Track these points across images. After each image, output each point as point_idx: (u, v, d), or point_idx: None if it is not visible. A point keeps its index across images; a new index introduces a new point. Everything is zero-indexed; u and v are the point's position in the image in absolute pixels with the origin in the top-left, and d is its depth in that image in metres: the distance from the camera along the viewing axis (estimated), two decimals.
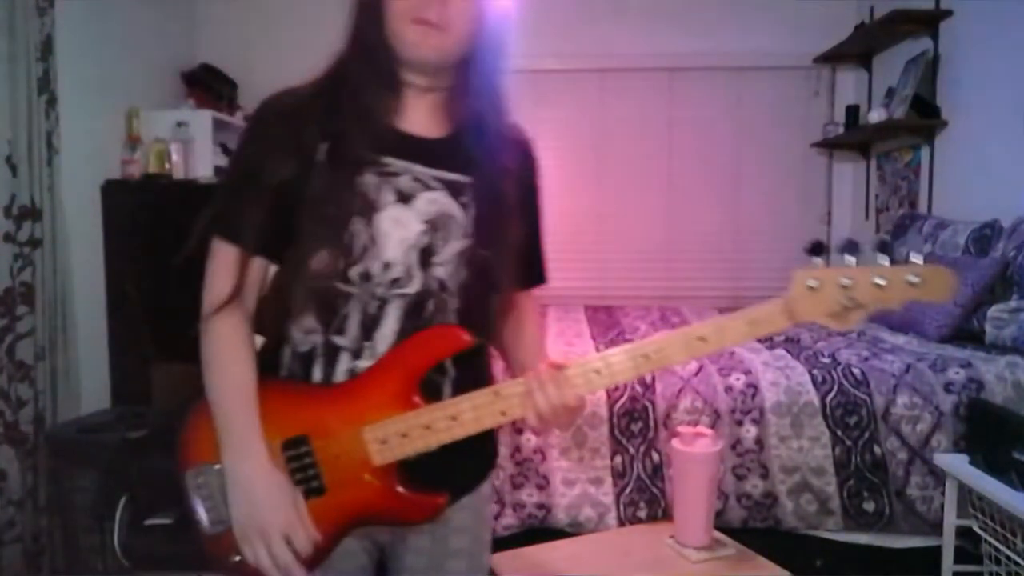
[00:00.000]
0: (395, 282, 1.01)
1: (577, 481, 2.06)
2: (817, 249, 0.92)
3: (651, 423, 2.07)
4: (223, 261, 1.02)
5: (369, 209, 0.99)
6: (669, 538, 1.90)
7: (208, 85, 3.64)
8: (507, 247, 1.07)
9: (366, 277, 1.00)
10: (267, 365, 1.04)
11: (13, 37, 2.31)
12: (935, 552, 1.98)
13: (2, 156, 2.29)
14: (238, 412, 1.00)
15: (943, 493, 1.97)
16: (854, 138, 3.81)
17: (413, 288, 1.01)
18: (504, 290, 1.10)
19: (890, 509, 2.04)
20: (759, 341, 2.59)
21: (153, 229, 2.80)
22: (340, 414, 1.00)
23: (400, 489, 1.01)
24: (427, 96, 1.05)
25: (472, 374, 1.06)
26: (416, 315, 1.02)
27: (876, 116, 3.37)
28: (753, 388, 2.08)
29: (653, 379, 2.10)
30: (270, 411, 1.01)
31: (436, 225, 1.02)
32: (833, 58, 3.92)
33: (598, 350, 2.40)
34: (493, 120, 1.08)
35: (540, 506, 2.05)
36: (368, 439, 0.99)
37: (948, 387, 2.06)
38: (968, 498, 1.88)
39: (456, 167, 1.04)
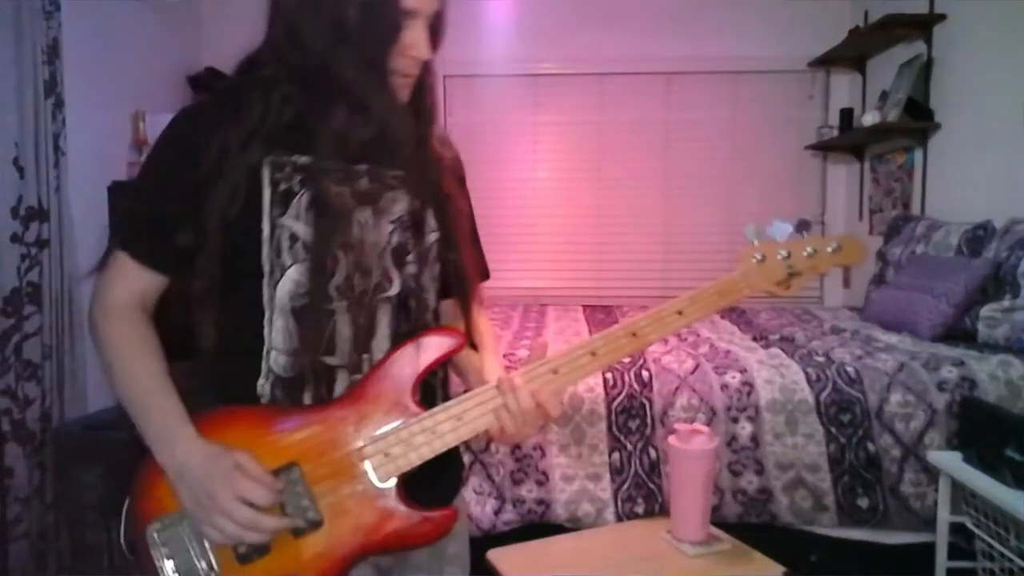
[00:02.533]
0: (377, 287, 0.98)
1: (576, 477, 2.09)
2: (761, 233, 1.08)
3: (648, 420, 2.10)
4: (130, 275, 0.98)
5: (344, 220, 0.96)
6: (666, 533, 1.92)
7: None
8: (466, 240, 1.07)
9: (349, 288, 0.97)
10: (239, 398, 0.97)
11: (20, 40, 2.33)
12: (929, 548, 2.00)
13: (9, 158, 2.31)
14: (152, 402, 0.94)
15: (936, 490, 1.99)
16: (848, 141, 3.84)
17: (394, 290, 0.99)
18: (471, 285, 1.08)
19: (884, 505, 2.07)
20: (754, 340, 2.63)
21: None
22: (332, 433, 0.93)
23: (406, 508, 0.93)
24: None
25: (446, 375, 1.05)
26: (405, 316, 1.00)
27: (870, 119, 3.40)
28: (748, 386, 2.12)
29: (650, 377, 2.14)
30: (247, 441, 0.92)
31: (403, 224, 1.01)
32: (828, 62, 3.96)
33: None
34: (428, 111, 1.06)
35: (539, 502, 2.08)
36: (369, 454, 0.93)
37: (941, 385, 2.09)
38: (961, 495, 1.90)
39: (404, 164, 1.01)
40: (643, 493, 2.09)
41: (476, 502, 2.08)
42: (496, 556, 1.84)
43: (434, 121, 1.05)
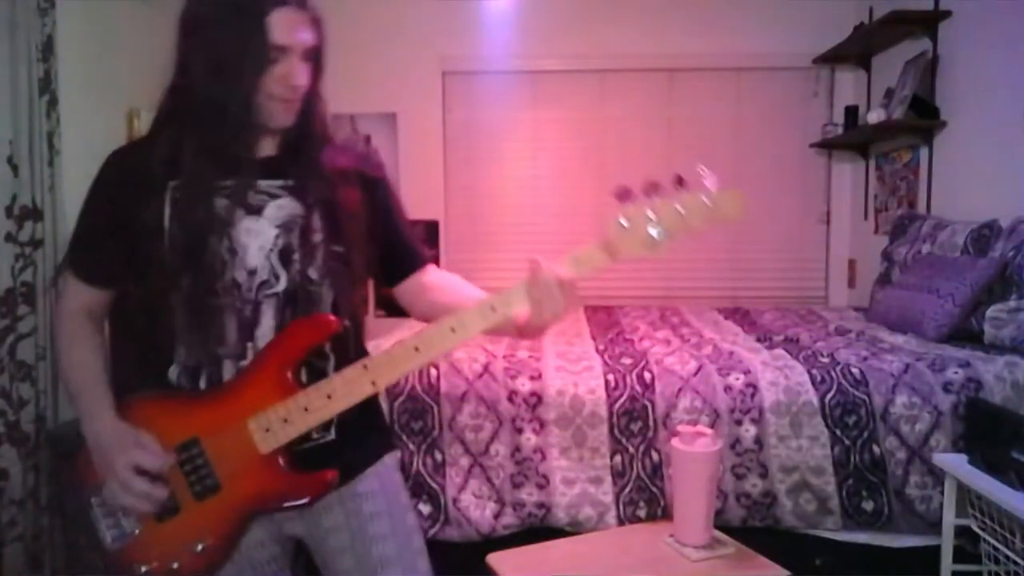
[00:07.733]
0: (263, 284, 1.16)
1: (577, 480, 2.06)
2: (623, 195, 1.06)
3: (651, 422, 2.07)
4: (74, 289, 1.22)
5: (223, 227, 1.13)
6: (669, 537, 1.91)
7: None
8: (357, 239, 1.21)
9: (235, 287, 1.14)
10: (155, 384, 1.17)
11: (14, 37, 2.30)
12: (934, 551, 1.98)
13: (3, 156, 2.29)
14: (84, 386, 1.17)
15: (942, 492, 1.97)
16: (853, 138, 3.82)
17: (281, 287, 1.16)
18: (354, 282, 1.23)
19: (889, 508, 2.04)
20: (758, 340, 2.61)
21: None
22: (226, 412, 1.11)
23: (289, 472, 1.12)
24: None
25: (351, 357, 1.17)
26: (291, 309, 1.16)
27: (875, 116, 3.37)
28: (752, 388, 2.09)
29: (653, 379, 2.11)
30: (160, 421, 1.13)
31: (289, 227, 1.17)
32: (832, 59, 3.93)
33: (597, 350, 2.41)
34: (314, 131, 1.22)
35: (540, 505, 2.05)
36: (252, 429, 1.10)
37: (947, 387, 2.07)
38: (967, 497, 1.88)
39: (294, 174, 1.19)
40: (645, 497, 2.07)
41: (476, 505, 2.05)
42: (497, 560, 1.83)
43: (321, 138, 1.23)
